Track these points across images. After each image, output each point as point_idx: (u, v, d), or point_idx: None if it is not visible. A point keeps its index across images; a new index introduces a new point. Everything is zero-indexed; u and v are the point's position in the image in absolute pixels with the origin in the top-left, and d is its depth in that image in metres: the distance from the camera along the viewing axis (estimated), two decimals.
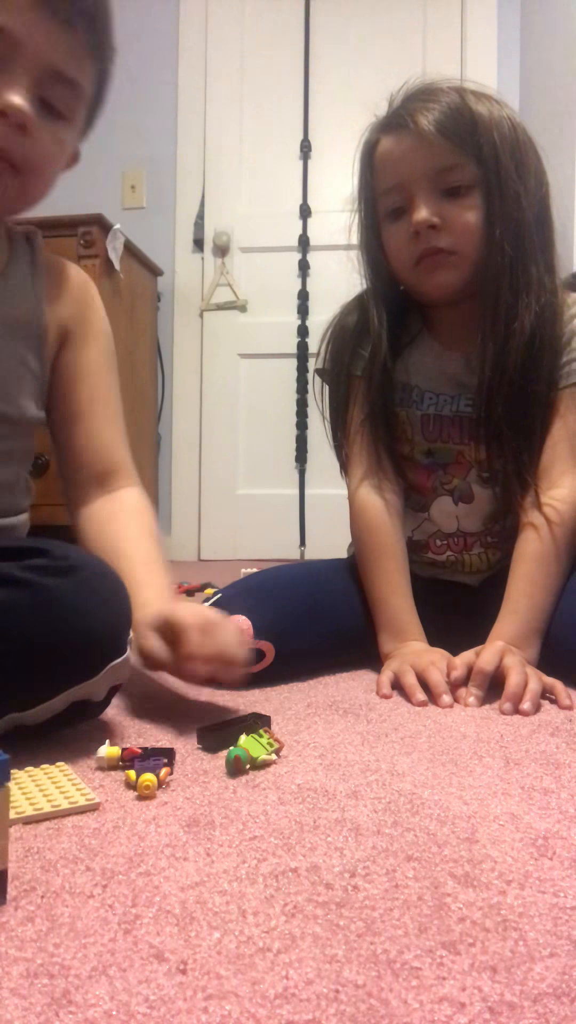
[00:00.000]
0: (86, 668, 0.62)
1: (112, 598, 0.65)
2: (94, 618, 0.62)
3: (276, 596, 0.96)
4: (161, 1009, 0.32)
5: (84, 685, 0.62)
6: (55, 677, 0.61)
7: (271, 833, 0.50)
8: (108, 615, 0.64)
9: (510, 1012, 0.32)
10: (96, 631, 0.62)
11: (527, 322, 0.93)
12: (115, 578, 0.67)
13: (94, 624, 0.62)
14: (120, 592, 0.67)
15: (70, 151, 0.75)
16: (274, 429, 2.76)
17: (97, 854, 0.47)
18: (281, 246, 2.77)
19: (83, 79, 0.70)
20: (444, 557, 1.07)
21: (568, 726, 0.74)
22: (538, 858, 0.47)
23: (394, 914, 0.40)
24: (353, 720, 0.77)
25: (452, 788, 0.58)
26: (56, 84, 0.68)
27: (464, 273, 0.94)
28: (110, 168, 2.85)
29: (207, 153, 2.82)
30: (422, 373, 1.04)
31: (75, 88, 0.70)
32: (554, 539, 0.92)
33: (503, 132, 0.91)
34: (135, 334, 2.59)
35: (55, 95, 0.68)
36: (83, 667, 0.62)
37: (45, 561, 0.63)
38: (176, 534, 2.85)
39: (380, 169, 0.96)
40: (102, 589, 0.64)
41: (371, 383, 1.01)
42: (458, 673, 0.84)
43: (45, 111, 0.68)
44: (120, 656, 0.64)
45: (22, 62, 0.65)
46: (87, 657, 0.62)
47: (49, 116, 0.68)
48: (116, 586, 0.66)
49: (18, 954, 0.36)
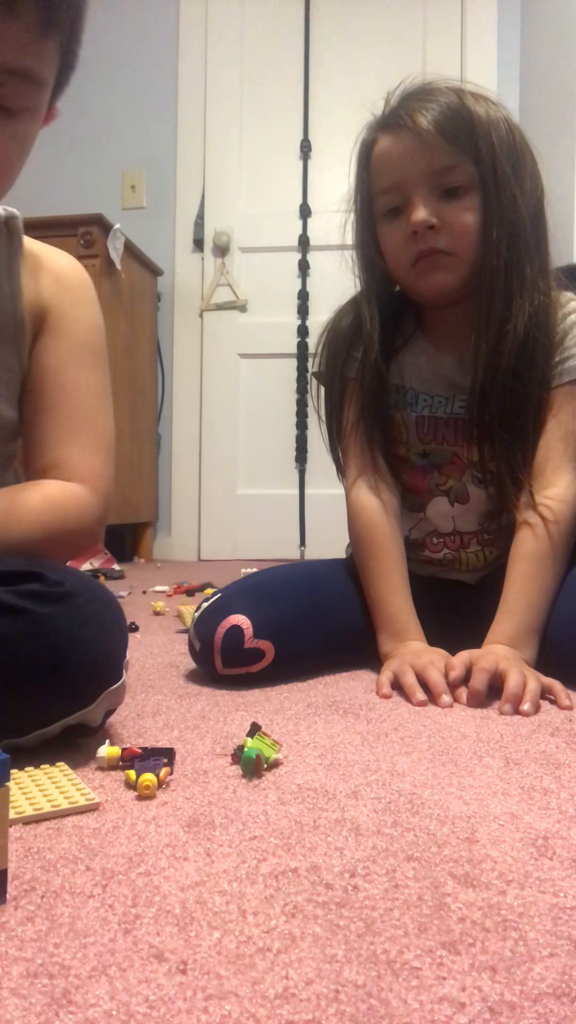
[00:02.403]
0: (82, 696, 0.61)
1: (108, 624, 0.64)
2: (90, 646, 0.61)
3: (276, 596, 0.96)
4: (161, 1009, 0.32)
5: (80, 713, 0.62)
6: (50, 705, 0.61)
7: (271, 833, 0.50)
8: (104, 642, 0.63)
9: (510, 1012, 0.32)
10: (92, 659, 0.61)
11: (521, 323, 0.93)
12: (111, 602, 0.66)
13: (90, 650, 0.61)
14: (116, 616, 0.66)
15: (38, 127, 0.68)
16: (274, 429, 2.76)
17: (97, 854, 0.47)
18: (281, 246, 2.77)
19: (38, 63, 0.63)
20: (441, 555, 1.07)
21: (568, 726, 0.75)
22: (538, 858, 0.47)
23: (394, 914, 0.40)
24: (353, 720, 0.77)
25: (452, 788, 0.58)
26: (6, 81, 0.61)
27: (461, 274, 0.94)
28: (110, 168, 2.85)
29: (207, 153, 2.82)
30: (416, 375, 1.04)
31: (28, 78, 0.62)
32: (550, 538, 0.92)
33: (500, 133, 0.91)
34: (135, 334, 2.59)
35: (5, 93, 0.61)
36: (79, 695, 0.61)
37: (40, 587, 0.62)
38: (176, 534, 2.85)
39: (377, 168, 0.96)
40: (98, 616, 0.63)
41: (364, 384, 1.02)
42: (456, 673, 0.84)
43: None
44: (116, 682, 0.63)
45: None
46: (83, 685, 0.61)
47: (3, 116, 0.62)
48: (112, 611, 0.65)
49: (18, 954, 0.36)
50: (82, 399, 0.78)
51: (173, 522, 2.85)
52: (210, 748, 0.68)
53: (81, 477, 0.76)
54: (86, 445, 0.77)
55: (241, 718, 0.77)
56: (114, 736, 0.71)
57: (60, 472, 0.76)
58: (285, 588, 0.99)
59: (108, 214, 2.31)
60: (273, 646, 0.90)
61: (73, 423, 0.77)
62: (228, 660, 0.89)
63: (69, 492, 0.75)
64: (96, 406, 0.80)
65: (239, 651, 0.89)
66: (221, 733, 0.72)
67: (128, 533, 2.76)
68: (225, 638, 0.89)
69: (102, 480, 0.78)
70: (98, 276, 2.27)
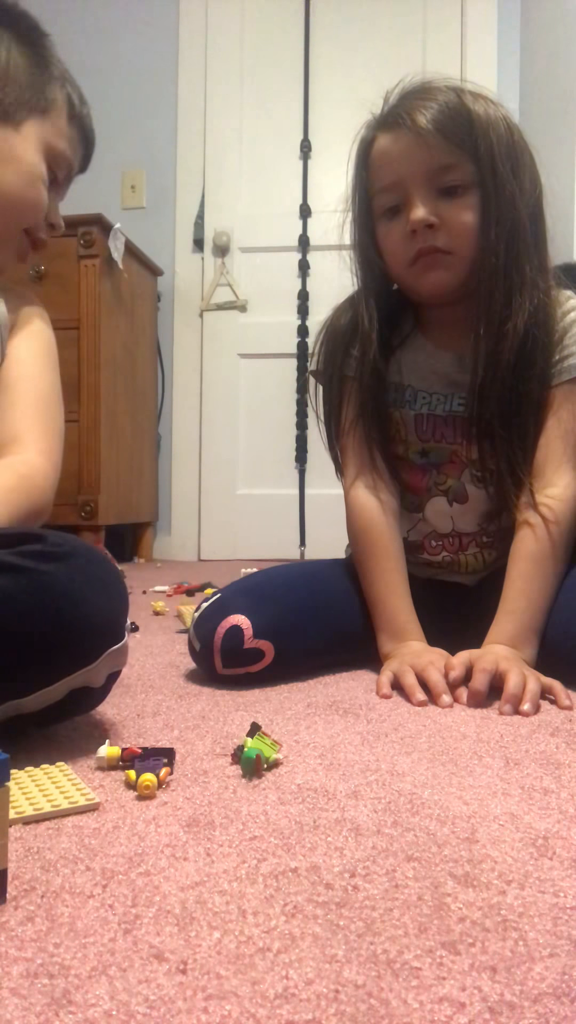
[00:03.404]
0: (84, 654, 0.62)
1: (109, 583, 0.65)
2: (92, 603, 0.62)
3: (276, 596, 0.96)
4: (161, 1009, 0.32)
5: (83, 672, 0.62)
6: (54, 663, 0.61)
7: (271, 833, 0.50)
8: (106, 600, 0.64)
9: (510, 1012, 0.32)
10: (94, 616, 0.62)
11: (520, 322, 0.93)
12: (111, 565, 0.68)
13: (92, 609, 0.62)
14: (116, 578, 0.67)
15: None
16: (274, 429, 2.76)
17: (97, 854, 0.47)
18: (281, 246, 2.77)
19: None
20: (440, 558, 1.07)
21: (568, 726, 0.75)
22: (538, 858, 0.47)
23: (394, 914, 0.40)
24: (353, 720, 0.77)
25: (452, 788, 0.58)
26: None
27: (459, 272, 0.94)
28: (110, 168, 2.85)
29: (207, 153, 2.82)
30: (414, 373, 1.04)
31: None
32: (550, 538, 0.92)
33: (499, 132, 0.91)
34: (135, 334, 2.59)
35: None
36: (81, 653, 0.62)
37: (41, 547, 0.63)
38: (176, 534, 2.85)
39: (376, 167, 0.96)
40: (99, 574, 0.64)
41: (362, 383, 1.02)
42: (456, 673, 0.84)
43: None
44: (119, 642, 0.64)
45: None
46: (85, 643, 0.62)
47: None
48: (112, 572, 0.67)
49: (18, 954, 0.36)
50: (42, 389, 0.91)
51: (173, 522, 2.85)
52: (210, 748, 0.68)
53: (38, 450, 0.86)
54: (45, 426, 0.89)
55: (241, 718, 0.77)
56: (114, 736, 0.71)
57: (20, 446, 0.85)
58: (285, 588, 0.99)
59: (108, 214, 2.31)
60: (273, 646, 0.90)
61: (34, 407, 0.89)
62: (228, 660, 0.89)
63: (35, 467, 0.85)
64: (53, 399, 0.92)
65: (239, 651, 0.89)
66: (221, 733, 0.72)
67: (128, 533, 2.76)
68: (225, 638, 0.89)
69: (55, 455, 0.89)
70: (98, 276, 2.27)
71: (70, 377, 2.25)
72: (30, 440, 0.86)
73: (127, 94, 2.85)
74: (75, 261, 2.27)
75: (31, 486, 0.82)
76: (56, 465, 0.88)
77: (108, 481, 2.34)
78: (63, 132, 0.87)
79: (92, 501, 2.26)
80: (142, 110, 2.85)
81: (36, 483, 0.83)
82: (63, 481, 0.93)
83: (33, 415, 0.88)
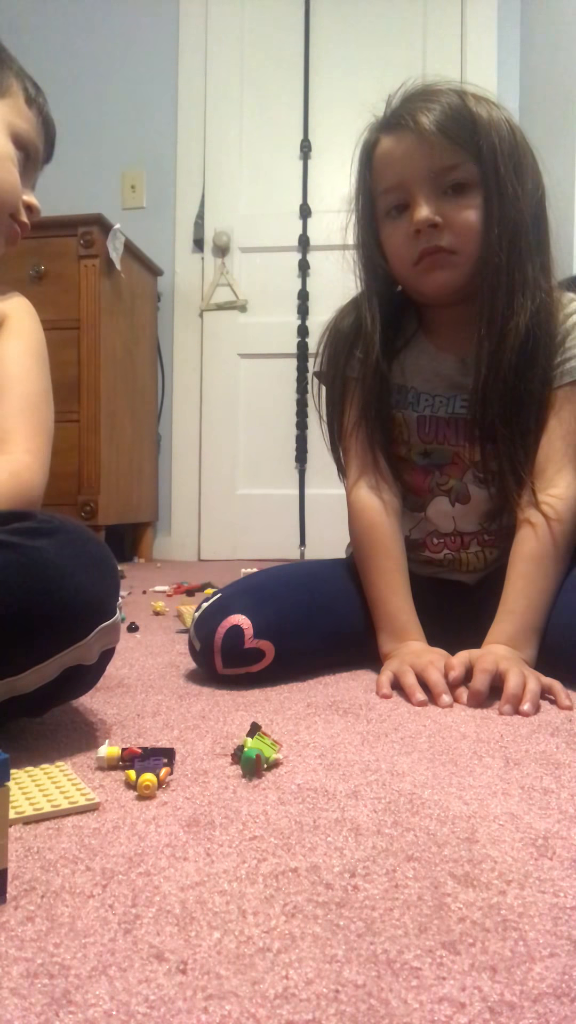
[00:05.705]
0: (76, 629, 0.62)
1: (99, 559, 0.65)
2: (82, 578, 0.62)
3: (276, 596, 0.96)
4: (161, 1009, 0.32)
5: (75, 648, 0.62)
6: (46, 639, 0.61)
7: (271, 833, 0.50)
8: (96, 575, 0.64)
9: (510, 1012, 0.32)
10: (85, 591, 0.62)
11: (522, 322, 0.93)
12: (100, 541, 0.68)
13: (83, 584, 0.62)
14: (106, 554, 0.67)
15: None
16: (274, 429, 2.76)
17: (97, 854, 0.47)
18: (281, 246, 2.77)
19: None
20: (441, 555, 1.07)
21: (568, 726, 0.75)
22: (538, 858, 0.47)
23: (394, 914, 0.40)
24: (353, 720, 0.77)
25: (452, 788, 0.58)
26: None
27: (463, 272, 0.95)
28: (110, 168, 2.85)
29: (207, 153, 2.82)
30: (417, 374, 1.04)
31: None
32: (551, 537, 0.92)
33: (502, 134, 0.91)
34: (135, 334, 2.59)
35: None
36: (73, 628, 0.62)
37: (31, 524, 0.63)
38: (176, 534, 2.85)
39: (380, 168, 0.96)
40: (89, 550, 0.65)
41: (365, 384, 1.02)
42: (456, 673, 0.84)
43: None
44: (110, 618, 0.64)
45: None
46: (77, 618, 0.62)
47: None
48: (102, 549, 0.67)
49: (18, 954, 0.36)
50: (31, 388, 0.90)
51: (173, 522, 2.85)
52: (210, 748, 0.68)
53: (27, 449, 0.86)
54: (34, 425, 0.88)
55: (241, 718, 0.77)
56: (114, 736, 0.71)
57: (8, 444, 0.85)
58: (285, 588, 0.99)
59: (108, 214, 2.31)
60: (273, 646, 0.90)
61: (23, 405, 0.88)
62: (228, 660, 0.89)
63: (24, 465, 0.84)
64: (43, 398, 0.91)
65: (239, 651, 0.89)
66: (221, 733, 0.72)
67: (128, 533, 2.76)
68: (225, 638, 0.89)
69: (44, 454, 0.88)
70: (98, 276, 2.27)
71: (70, 377, 2.25)
72: (19, 439, 0.86)
73: (127, 94, 2.85)
74: (75, 261, 2.27)
75: (19, 483, 0.82)
76: (45, 463, 0.88)
77: (108, 481, 2.34)
78: (24, 114, 0.87)
79: (92, 501, 2.26)
80: (142, 110, 2.85)
81: (24, 480, 0.83)
82: (63, 481, 0.93)
83: (21, 414, 0.88)
